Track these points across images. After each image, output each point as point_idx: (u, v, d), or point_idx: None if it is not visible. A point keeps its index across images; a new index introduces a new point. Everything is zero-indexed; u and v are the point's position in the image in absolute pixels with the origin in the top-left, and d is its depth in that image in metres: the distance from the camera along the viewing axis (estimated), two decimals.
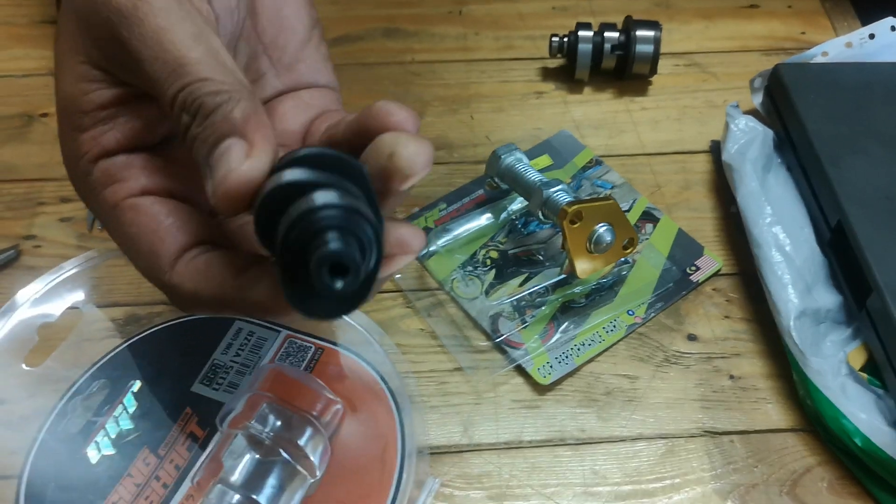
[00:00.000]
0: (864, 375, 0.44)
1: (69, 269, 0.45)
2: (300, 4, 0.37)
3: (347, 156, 0.27)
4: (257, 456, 0.39)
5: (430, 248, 0.50)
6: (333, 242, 0.24)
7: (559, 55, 0.60)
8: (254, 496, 0.37)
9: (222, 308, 0.31)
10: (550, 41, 0.59)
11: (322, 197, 0.25)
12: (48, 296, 0.44)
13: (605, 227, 0.46)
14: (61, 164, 0.54)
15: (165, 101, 0.29)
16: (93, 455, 0.41)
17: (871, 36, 0.55)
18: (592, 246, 0.46)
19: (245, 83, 0.29)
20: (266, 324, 0.45)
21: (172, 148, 0.34)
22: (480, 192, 0.54)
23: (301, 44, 0.37)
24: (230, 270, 0.30)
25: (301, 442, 0.39)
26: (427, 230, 0.51)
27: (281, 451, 0.38)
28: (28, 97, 0.58)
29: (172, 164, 0.33)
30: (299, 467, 0.39)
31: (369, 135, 0.29)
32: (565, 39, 0.59)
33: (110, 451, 0.41)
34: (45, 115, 0.57)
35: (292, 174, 0.26)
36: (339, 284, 0.25)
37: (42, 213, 0.52)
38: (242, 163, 0.27)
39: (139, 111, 0.32)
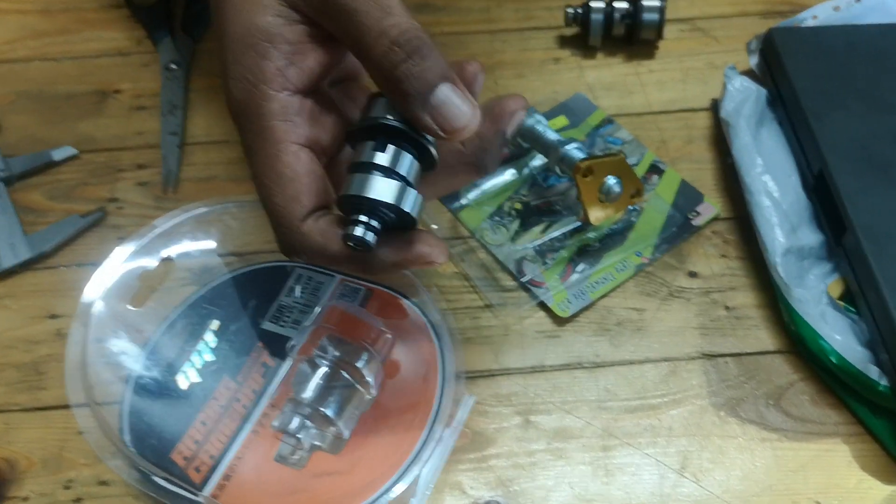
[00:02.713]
0: (842, 304, 0.49)
1: (159, 227, 0.52)
2: None
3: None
4: (322, 378, 0.46)
5: (462, 202, 0.56)
6: (356, 228, 0.37)
7: (574, 24, 0.64)
8: (321, 409, 0.44)
9: (334, 262, 0.38)
10: (565, 12, 0.63)
11: (367, 187, 0.36)
12: (145, 249, 0.51)
13: (614, 180, 0.51)
14: (136, 135, 0.63)
15: (372, 35, 0.34)
16: (182, 382, 0.47)
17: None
18: (604, 196, 0.51)
19: None
20: (322, 270, 0.52)
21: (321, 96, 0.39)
22: (505, 150, 0.59)
23: None
24: None
25: (358, 365, 0.45)
26: None
27: (342, 372, 0.46)
28: (101, 76, 0.64)
29: (324, 113, 0.38)
30: (358, 386, 0.46)
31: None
32: (579, 10, 0.63)
33: (197, 379, 0.48)
34: (117, 91, 0.63)
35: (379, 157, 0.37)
36: (360, 249, 0.37)
37: (122, 178, 0.58)
38: (472, 115, 0.35)
39: (318, 56, 0.37)
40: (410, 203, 0.37)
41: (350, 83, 0.43)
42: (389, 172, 0.37)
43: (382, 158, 0.37)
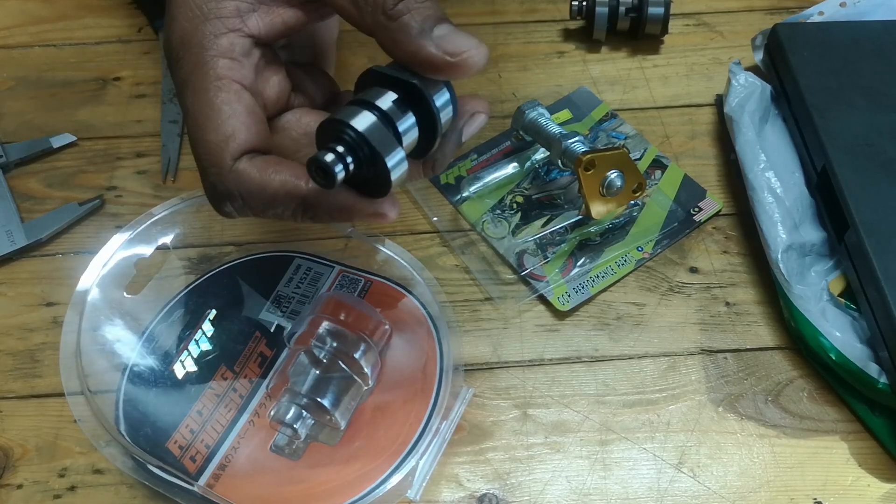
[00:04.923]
0: (843, 301, 0.49)
1: (157, 215, 0.51)
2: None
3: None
4: (319, 369, 0.46)
5: (463, 194, 0.56)
6: (328, 154, 0.32)
7: (579, 17, 0.64)
8: (318, 399, 0.44)
9: (272, 204, 0.34)
10: (571, 4, 0.63)
11: (356, 117, 0.33)
12: (141, 236, 0.51)
13: (615, 174, 0.51)
14: (135, 123, 0.62)
15: None
16: (179, 371, 0.47)
17: None
18: (605, 190, 0.51)
19: None
20: (322, 260, 0.52)
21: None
22: (508, 143, 0.59)
23: None
24: (292, 170, 0.34)
25: (356, 356, 0.45)
26: (460, 178, 0.57)
27: (339, 363, 0.45)
28: (101, 63, 0.64)
29: (271, 69, 0.36)
30: (355, 377, 0.45)
31: None
32: (584, 3, 0.63)
33: (193, 368, 0.47)
34: (117, 78, 0.63)
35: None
36: (321, 181, 0.33)
37: (120, 166, 0.58)
38: (478, 45, 0.32)
39: (287, 13, 0.35)
40: (395, 161, 0.33)
41: (311, 62, 0.41)
42: (386, 120, 0.33)
43: (384, 102, 0.34)
